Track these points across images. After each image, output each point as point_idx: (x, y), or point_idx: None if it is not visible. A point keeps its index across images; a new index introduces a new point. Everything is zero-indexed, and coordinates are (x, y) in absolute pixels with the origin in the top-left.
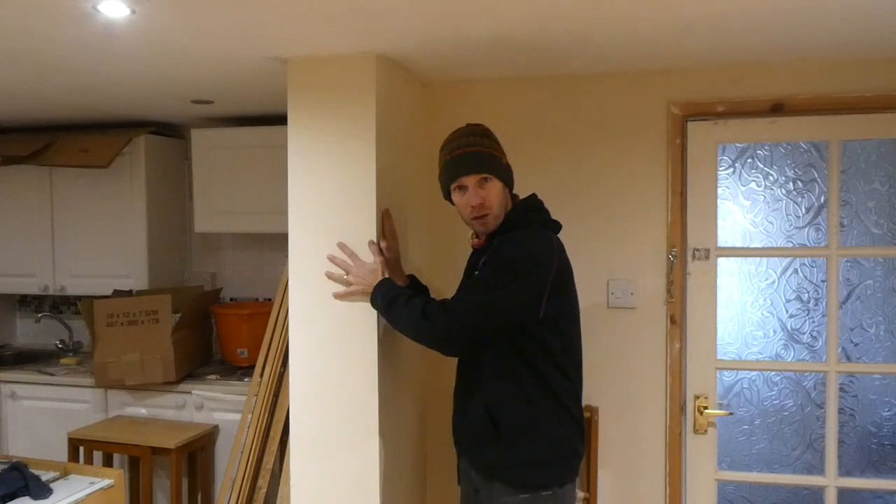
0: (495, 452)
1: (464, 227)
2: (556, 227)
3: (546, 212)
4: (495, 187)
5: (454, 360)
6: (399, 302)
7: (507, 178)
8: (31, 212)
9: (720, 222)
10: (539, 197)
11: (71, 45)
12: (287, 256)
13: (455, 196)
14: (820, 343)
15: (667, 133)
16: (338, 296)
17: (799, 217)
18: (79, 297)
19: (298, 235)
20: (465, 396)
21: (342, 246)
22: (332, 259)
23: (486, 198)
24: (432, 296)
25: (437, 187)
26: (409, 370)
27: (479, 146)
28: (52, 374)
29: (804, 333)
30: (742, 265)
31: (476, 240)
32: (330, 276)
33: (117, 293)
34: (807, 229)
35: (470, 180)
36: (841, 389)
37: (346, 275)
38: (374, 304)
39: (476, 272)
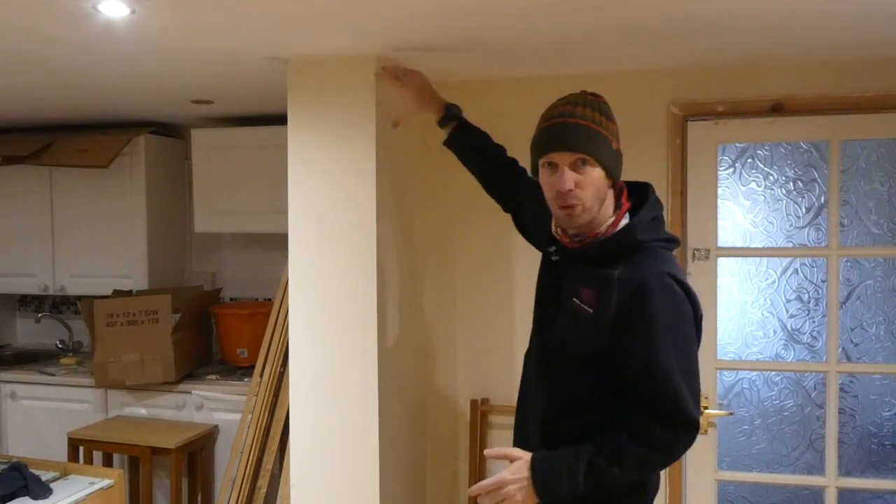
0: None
1: (463, 226)
2: (675, 243)
3: (662, 222)
4: (594, 175)
5: (452, 362)
6: (584, 467)
7: (611, 167)
8: (31, 212)
9: (720, 222)
10: (654, 196)
11: (71, 45)
12: (287, 256)
13: (543, 173)
14: (820, 343)
15: (667, 133)
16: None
17: (799, 217)
18: (79, 297)
19: (298, 235)
20: (537, 427)
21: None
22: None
23: (580, 184)
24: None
25: (437, 187)
26: (409, 370)
27: (584, 119)
28: (52, 374)
29: (804, 333)
30: (742, 265)
31: (561, 233)
32: None
33: (117, 293)
34: (807, 229)
35: (563, 158)
36: (841, 389)
37: (502, 490)
38: (547, 495)
39: (576, 301)
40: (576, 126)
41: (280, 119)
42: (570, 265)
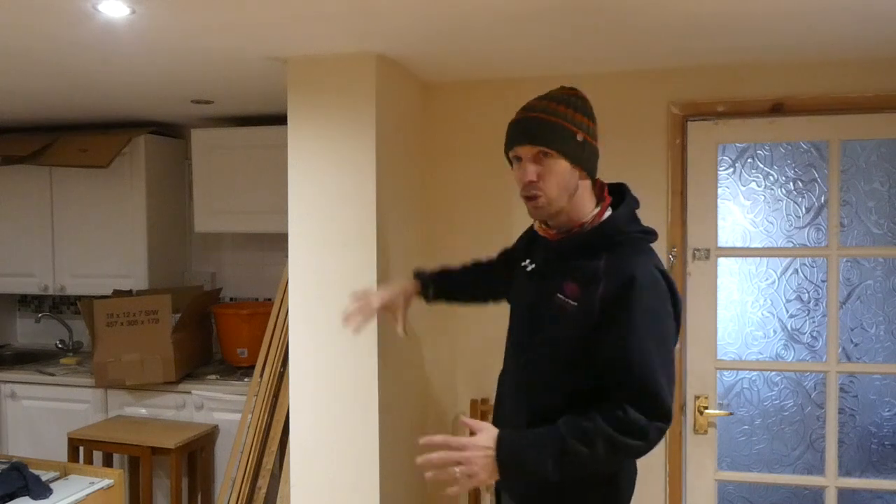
0: (540, 489)
1: (463, 226)
2: (654, 235)
3: (637, 217)
4: (557, 167)
5: (452, 362)
6: (554, 446)
7: (577, 158)
8: (31, 212)
9: (720, 222)
10: (630, 194)
11: (71, 45)
12: (287, 256)
13: (514, 167)
14: (820, 343)
15: (667, 133)
16: (456, 493)
17: (799, 217)
18: (79, 297)
19: (298, 235)
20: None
21: (428, 441)
22: (428, 462)
23: (541, 175)
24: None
25: (436, 188)
26: (409, 370)
27: (545, 112)
28: (52, 374)
29: (804, 333)
30: (742, 265)
31: (544, 227)
32: (441, 478)
33: (117, 293)
34: (807, 229)
35: (525, 151)
36: (841, 389)
37: (458, 467)
38: (511, 473)
39: (557, 291)
40: (537, 120)
41: (280, 119)
42: (552, 264)
